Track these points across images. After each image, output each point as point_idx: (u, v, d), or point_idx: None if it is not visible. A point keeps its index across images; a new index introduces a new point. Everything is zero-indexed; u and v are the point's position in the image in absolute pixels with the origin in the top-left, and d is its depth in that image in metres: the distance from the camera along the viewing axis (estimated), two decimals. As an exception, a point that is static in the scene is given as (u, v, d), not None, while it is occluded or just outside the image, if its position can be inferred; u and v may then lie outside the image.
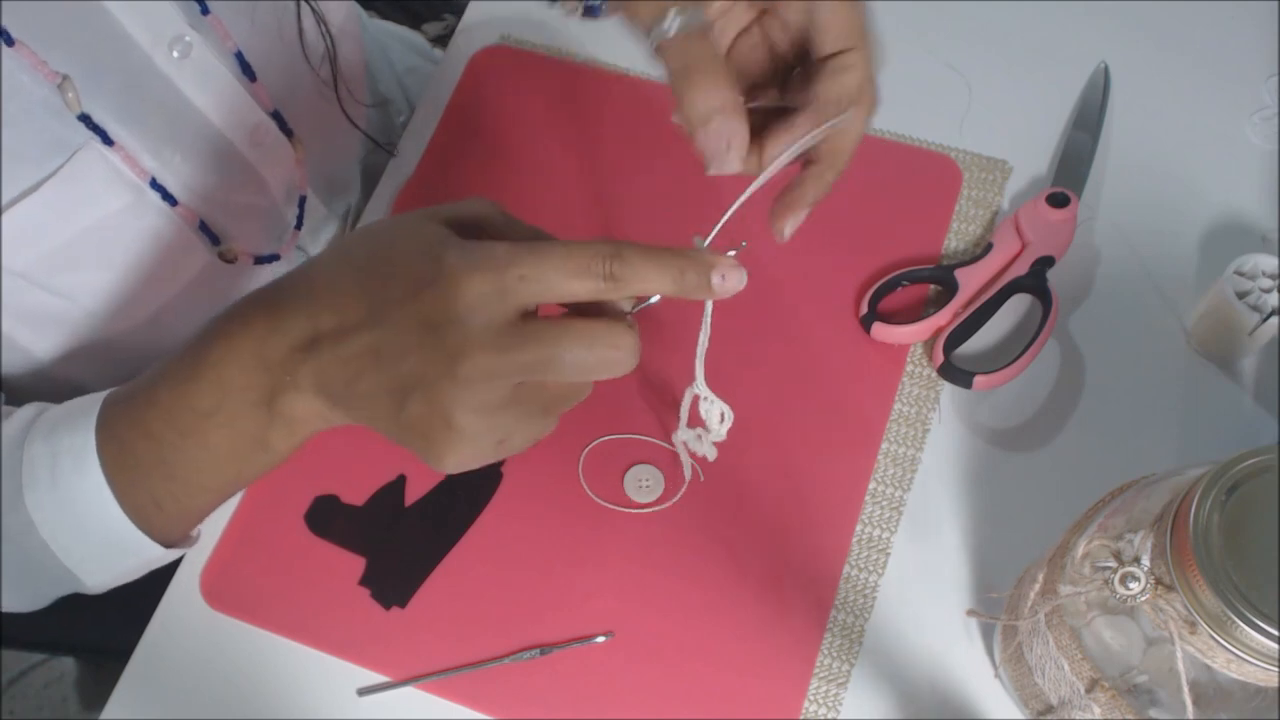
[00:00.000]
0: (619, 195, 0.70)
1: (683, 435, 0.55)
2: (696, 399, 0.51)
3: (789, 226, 0.48)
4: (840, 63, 0.47)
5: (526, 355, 0.41)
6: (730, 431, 0.63)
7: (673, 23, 0.45)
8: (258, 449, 0.48)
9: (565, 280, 0.41)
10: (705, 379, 0.49)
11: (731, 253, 0.45)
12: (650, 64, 0.53)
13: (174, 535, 0.54)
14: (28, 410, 0.53)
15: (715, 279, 0.43)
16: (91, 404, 0.51)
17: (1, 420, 0.53)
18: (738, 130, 0.45)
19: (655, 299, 0.45)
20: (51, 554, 0.52)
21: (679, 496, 0.62)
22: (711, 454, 0.56)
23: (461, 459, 0.42)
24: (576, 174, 0.48)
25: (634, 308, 0.44)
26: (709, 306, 0.46)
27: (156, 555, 0.53)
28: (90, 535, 0.51)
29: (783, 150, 0.46)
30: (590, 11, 0.55)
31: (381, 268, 0.43)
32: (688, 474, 0.60)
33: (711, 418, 0.51)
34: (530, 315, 0.42)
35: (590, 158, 0.72)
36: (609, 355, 0.42)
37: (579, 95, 0.74)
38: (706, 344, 0.47)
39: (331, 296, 0.44)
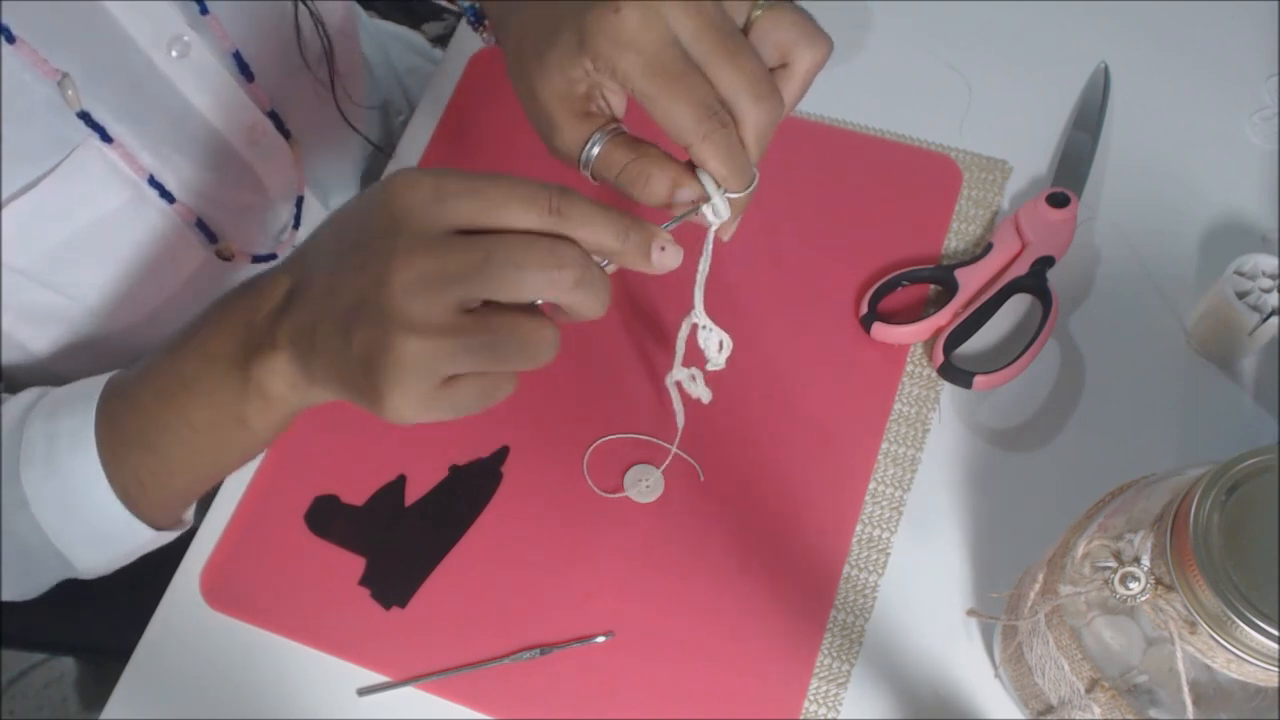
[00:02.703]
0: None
1: (677, 375, 0.55)
2: (694, 330, 0.51)
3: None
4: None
5: (461, 257, 0.40)
6: (731, 430, 0.63)
7: (593, 148, 0.46)
8: (235, 424, 0.48)
9: (508, 203, 0.40)
10: (704, 309, 0.49)
11: (739, 195, 0.45)
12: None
13: (159, 517, 0.54)
14: (29, 394, 0.54)
15: (655, 250, 0.43)
16: (94, 386, 0.52)
17: (2, 404, 0.54)
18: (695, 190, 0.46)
19: (607, 264, 0.44)
20: (41, 533, 0.52)
21: (675, 445, 0.62)
22: (706, 395, 0.55)
23: (406, 396, 0.40)
24: (575, 173, 0.48)
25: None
26: (710, 233, 0.46)
27: (146, 538, 0.54)
28: (79, 514, 0.52)
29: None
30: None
31: (349, 217, 0.44)
32: (680, 421, 0.59)
33: (710, 346, 0.51)
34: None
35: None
36: (549, 265, 0.40)
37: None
38: (707, 270, 0.47)
39: (310, 254, 0.45)
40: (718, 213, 0.45)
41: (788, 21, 0.47)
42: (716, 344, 0.51)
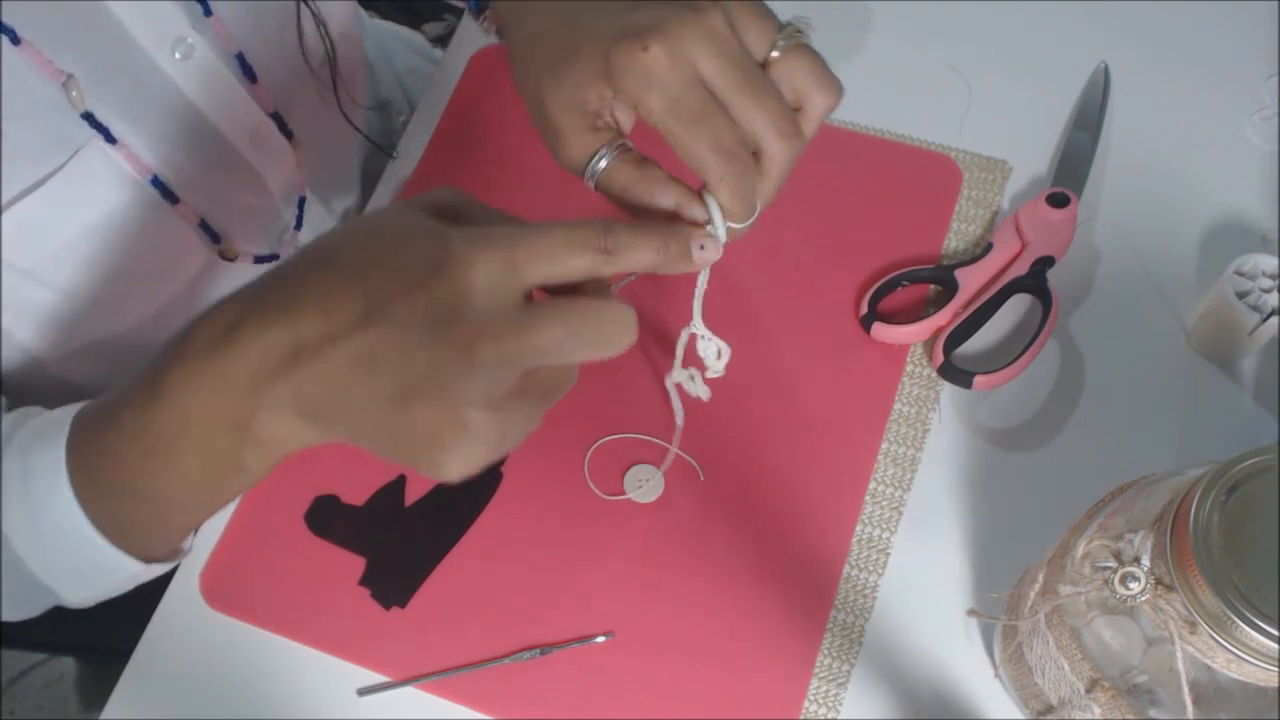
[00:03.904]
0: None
1: (676, 377, 0.56)
2: (693, 340, 0.52)
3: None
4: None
5: (544, 336, 0.40)
6: (731, 431, 0.63)
7: (599, 162, 0.47)
8: (231, 471, 0.45)
9: (569, 256, 0.41)
10: (703, 316, 0.51)
11: (740, 226, 0.46)
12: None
13: (157, 550, 0.52)
14: (6, 422, 0.52)
15: (694, 248, 0.44)
16: (64, 418, 0.49)
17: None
18: (690, 233, 0.46)
19: (632, 276, 0.46)
20: (27, 569, 0.50)
21: (675, 445, 0.62)
22: (705, 394, 0.57)
23: (466, 462, 0.40)
24: (575, 180, 0.48)
25: (619, 284, 0.45)
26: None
27: (137, 570, 0.51)
28: (64, 551, 0.49)
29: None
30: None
31: (376, 261, 0.41)
32: (679, 420, 0.60)
33: (709, 355, 0.53)
34: (530, 300, 0.42)
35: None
36: (617, 330, 0.42)
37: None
38: (705, 285, 0.49)
39: (317, 299, 0.40)
40: (717, 236, 0.46)
41: (802, 68, 0.46)
42: (715, 352, 0.52)
